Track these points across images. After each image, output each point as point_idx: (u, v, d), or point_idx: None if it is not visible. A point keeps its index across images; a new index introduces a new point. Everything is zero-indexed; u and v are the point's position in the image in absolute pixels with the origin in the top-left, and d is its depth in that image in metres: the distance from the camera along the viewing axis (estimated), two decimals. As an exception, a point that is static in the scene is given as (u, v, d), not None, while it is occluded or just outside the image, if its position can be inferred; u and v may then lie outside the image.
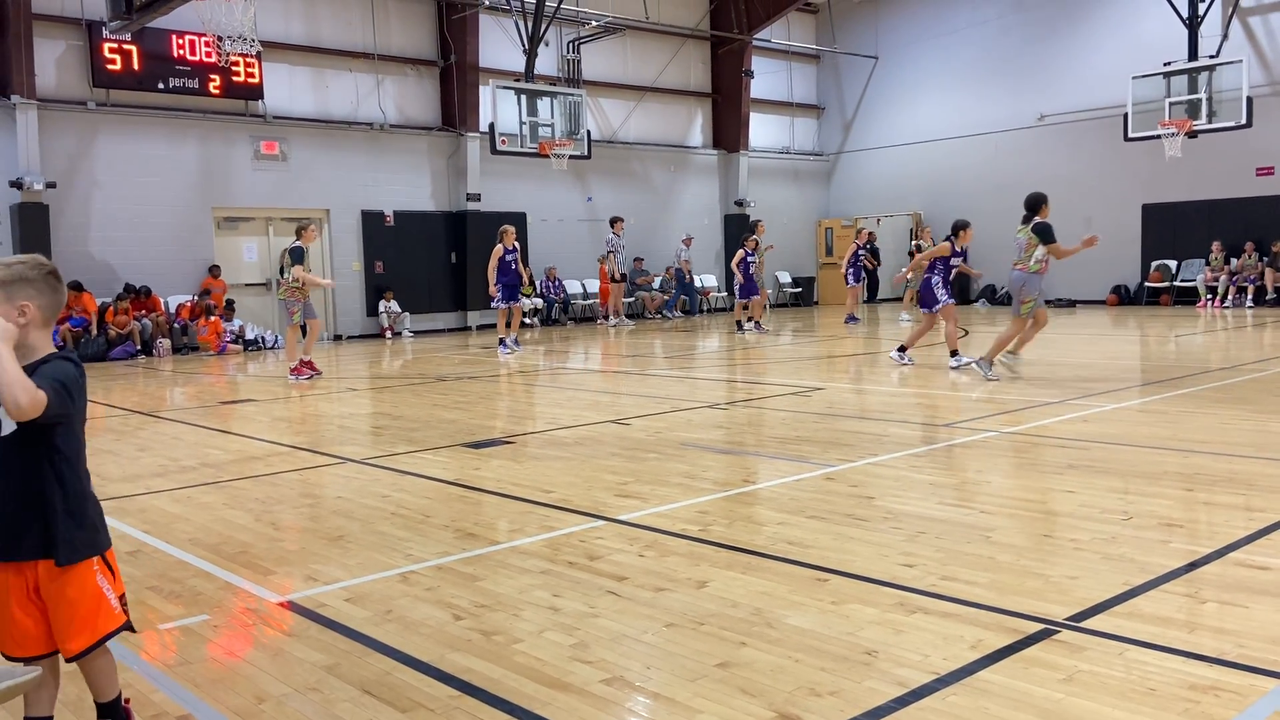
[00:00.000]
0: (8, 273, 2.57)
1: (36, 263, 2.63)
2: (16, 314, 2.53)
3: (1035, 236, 9.63)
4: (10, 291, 2.54)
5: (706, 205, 25.65)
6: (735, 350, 15.05)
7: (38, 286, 2.58)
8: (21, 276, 2.57)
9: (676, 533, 4.71)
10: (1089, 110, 22.06)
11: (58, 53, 16.53)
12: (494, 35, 20.82)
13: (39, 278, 2.59)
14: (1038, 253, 9.61)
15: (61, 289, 2.68)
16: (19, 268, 2.58)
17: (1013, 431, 7.11)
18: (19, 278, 2.56)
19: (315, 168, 19.16)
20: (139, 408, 10.37)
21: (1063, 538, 4.43)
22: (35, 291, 2.57)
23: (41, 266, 2.63)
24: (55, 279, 2.65)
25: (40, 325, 2.58)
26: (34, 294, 2.57)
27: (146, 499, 5.92)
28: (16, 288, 2.55)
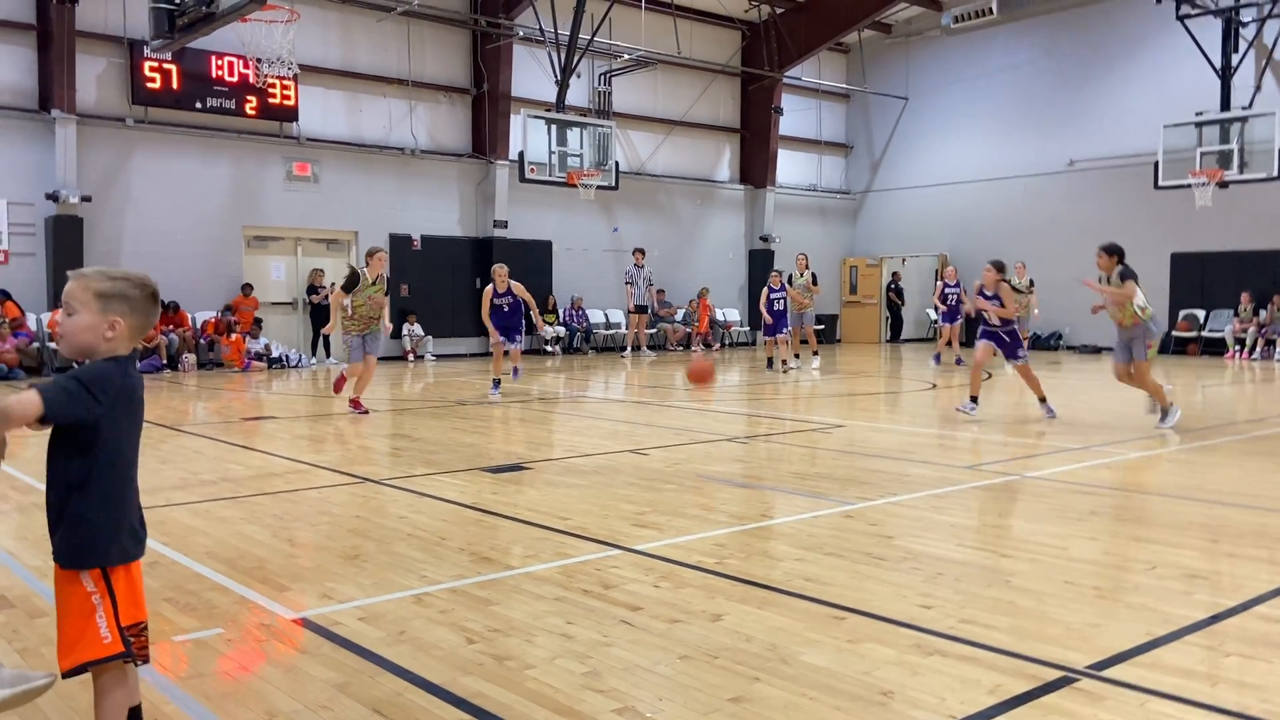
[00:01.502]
0: (109, 286, 2.56)
1: (140, 282, 2.62)
2: (106, 326, 2.54)
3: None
4: (106, 304, 2.55)
5: (731, 240, 25.72)
6: (756, 385, 15.01)
7: (133, 305, 2.59)
8: (121, 293, 2.57)
9: (692, 565, 4.68)
10: (1119, 157, 22.01)
11: (99, 69, 16.85)
12: (527, 65, 21.07)
13: (138, 297, 2.60)
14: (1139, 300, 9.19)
15: (156, 311, 2.68)
16: (122, 283, 2.58)
17: (1035, 476, 7.03)
18: (119, 293, 2.56)
19: (346, 190, 19.38)
20: (162, 421, 10.45)
21: (1084, 585, 4.37)
22: (129, 310, 2.58)
23: (144, 287, 2.62)
24: (153, 302, 2.65)
25: (125, 341, 2.59)
26: (128, 312, 2.57)
27: (166, 511, 5.95)
28: (114, 302, 2.55)
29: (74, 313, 2.55)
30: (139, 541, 2.64)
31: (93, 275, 2.59)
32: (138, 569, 2.66)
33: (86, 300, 2.54)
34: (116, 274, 2.60)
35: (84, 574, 2.53)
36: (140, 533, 2.67)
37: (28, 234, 16.21)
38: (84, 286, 2.56)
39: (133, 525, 2.63)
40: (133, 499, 2.65)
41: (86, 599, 2.53)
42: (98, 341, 2.55)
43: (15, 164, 16.05)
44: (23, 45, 16.29)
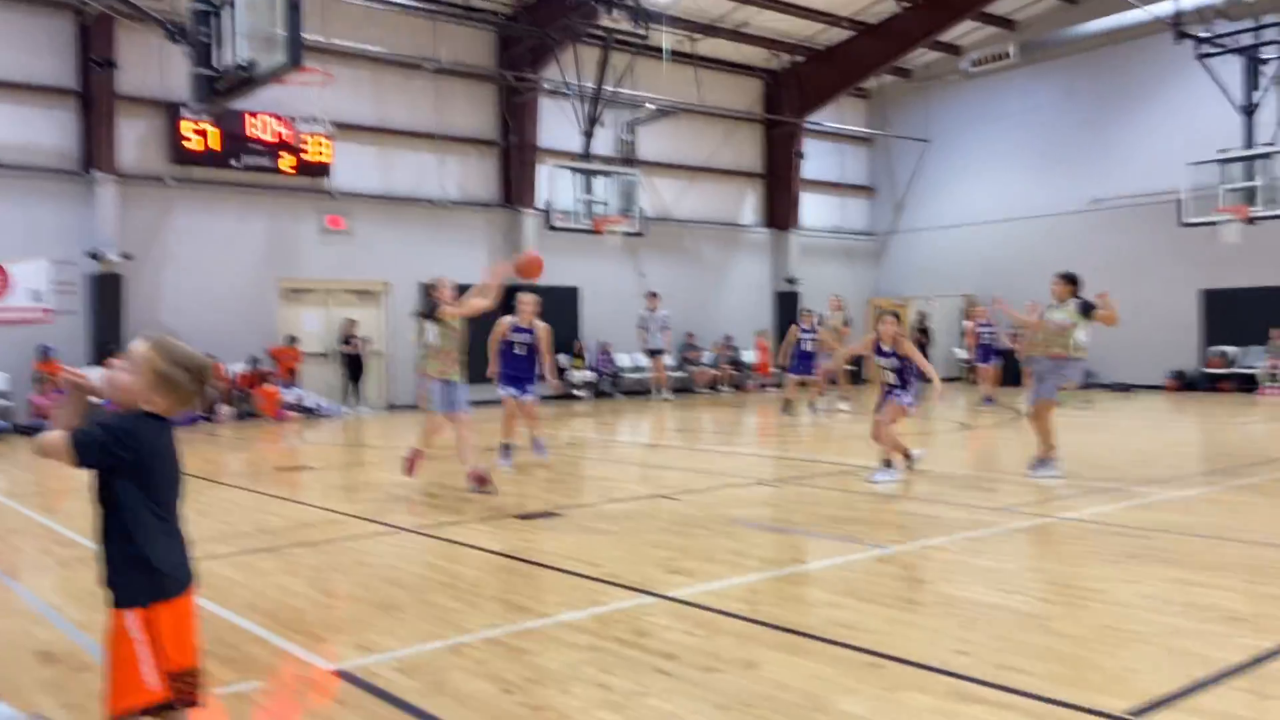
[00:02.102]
0: (168, 370, 2.70)
1: (198, 374, 2.75)
2: (145, 400, 2.70)
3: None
4: (157, 384, 2.69)
5: (757, 282, 25.82)
6: (785, 427, 14.99)
7: (180, 395, 2.73)
8: (175, 381, 2.71)
9: (726, 611, 4.69)
10: (1143, 195, 21.95)
11: (139, 131, 17.32)
12: (553, 117, 21.42)
13: (189, 390, 2.75)
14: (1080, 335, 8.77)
15: (197, 399, 2.83)
16: (180, 374, 2.71)
17: (1070, 518, 6.98)
18: (173, 381, 2.71)
19: (378, 242, 19.69)
20: (199, 473, 10.58)
21: (1123, 628, 4.33)
22: (175, 398, 2.73)
23: (199, 381, 2.76)
24: (200, 393, 2.80)
25: (162, 411, 2.73)
26: (170, 400, 2.72)
27: (206, 564, 5.98)
28: (164, 386, 2.70)
29: (129, 372, 2.70)
30: (179, 582, 2.73)
31: (161, 352, 2.71)
32: (185, 614, 2.72)
33: (144, 371, 2.69)
34: (181, 359, 2.72)
35: (128, 616, 2.63)
36: (182, 574, 2.76)
37: (69, 292, 16.55)
38: (149, 361, 2.69)
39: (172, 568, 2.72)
40: (175, 543, 2.76)
41: (130, 645, 2.62)
42: (134, 406, 2.71)
43: (58, 224, 16.46)
44: (66, 109, 16.78)
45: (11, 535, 7.17)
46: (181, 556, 2.78)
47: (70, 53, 16.77)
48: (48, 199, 16.46)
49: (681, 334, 23.81)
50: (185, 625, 2.72)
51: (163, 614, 2.66)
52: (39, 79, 16.47)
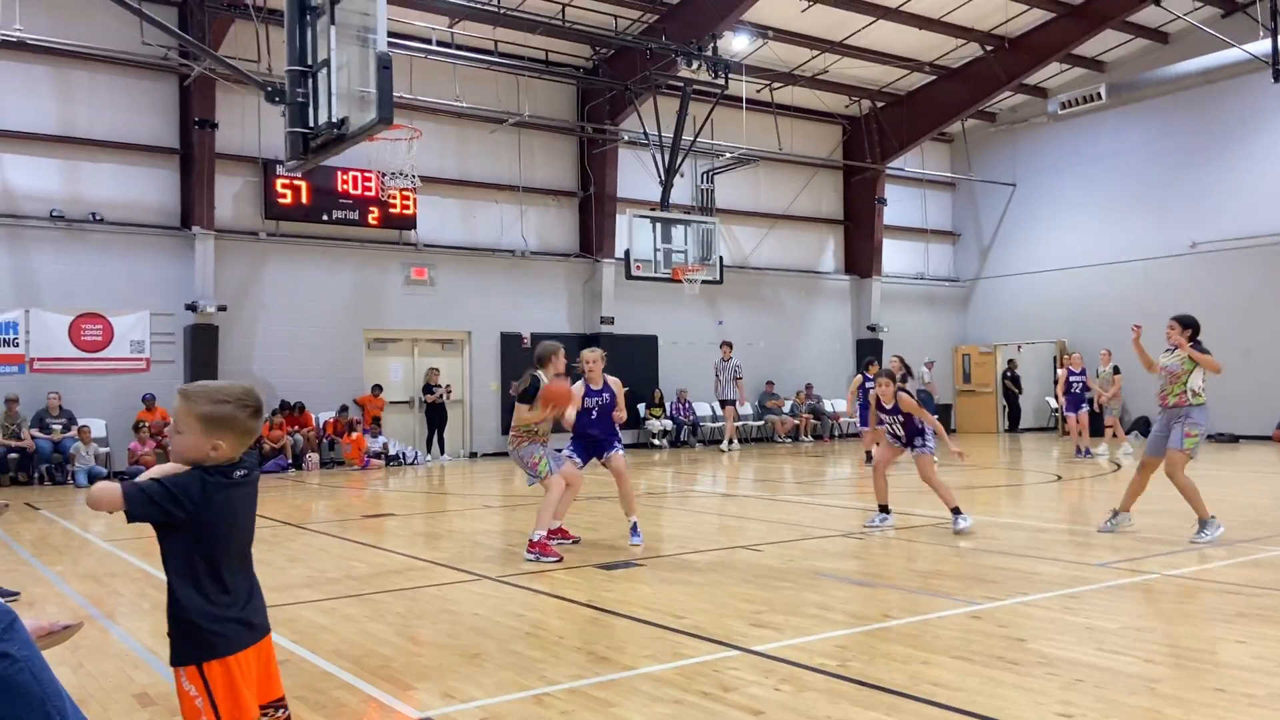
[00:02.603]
0: (213, 410, 2.69)
1: (243, 401, 2.74)
2: (210, 448, 2.69)
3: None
4: (209, 428, 2.68)
5: (838, 330, 25.57)
6: (867, 477, 14.69)
7: (236, 426, 2.71)
8: (225, 417, 2.70)
9: (813, 667, 4.57)
10: (1245, 238, 21.20)
11: (235, 188, 18.05)
12: (632, 168, 21.70)
13: (242, 419, 2.73)
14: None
15: (258, 425, 2.81)
16: (227, 408, 2.70)
17: (1175, 574, 6.66)
18: (223, 417, 2.69)
19: (460, 292, 20.09)
20: (289, 519, 10.82)
21: (1236, 692, 4.09)
22: (233, 434, 2.71)
23: (247, 407, 2.74)
24: (256, 416, 2.78)
25: (229, 454, 2.73)
26: (230, 436, 2.71)
27: (295, 609, 6.13)
28: (217, 427, 2.69)
29: (181, 432, 2.70)
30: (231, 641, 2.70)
31: (198, 397, 2.70)
32: (241, 669, 2.70)
33: (191, 424, 2.68)
34: (220, 395, 2.71)
35: (183, 674, 2.66)
36: (236, 633, 2.71)
37: (168, 342, 17.25)
38: (189, 410, 2.69)
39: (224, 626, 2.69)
40: (233, 601, 2.72)
41: (191, 701, 2.66)
42: (203, 459, 2.69)
43: (158, 277, 17.20)
44: (167, 168, 17.60)
45: (111, 579, 7.39)
46: (241, 614, 2.74)
47: (172, 113, 17.63)
48: (149, 253, 17.22)
49: (761, 383, 23.66)
50: (243, 682, 2.71)
51: (217, 670, 2.67)
52: (143, 139, 17.33)
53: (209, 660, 2.66)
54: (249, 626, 2.78)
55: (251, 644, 2.77)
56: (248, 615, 2.78)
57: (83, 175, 16.88)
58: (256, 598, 2.83)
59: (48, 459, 15.60)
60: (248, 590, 2.81)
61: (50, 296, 16.41)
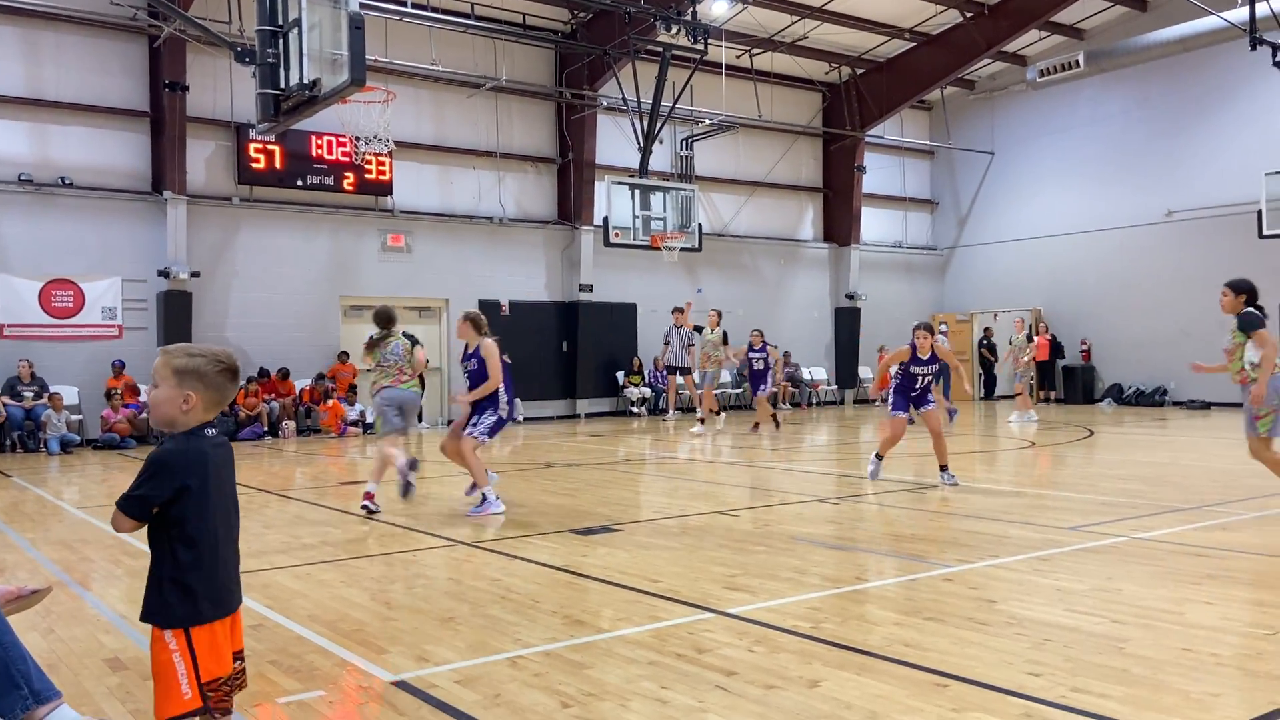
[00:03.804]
0: (186, 363, 2.76)
1: (215, 359, 2.79)
2: (181, 400, 2.74)
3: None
4: (182, 380, 2.74)
5: (817, 298, 25.61)
6: (845, 444, 14.79)
7: (207, 381, 2.77)
8: (197, 369, 2.76)
9: (787, 629, 4.61)
10: (1220, 206, 21.34)
11: (207, 152, 17.79)
12: (610, 134, 21.53)
13: (213, 374, 2.78)
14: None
15: (232, 387, 2.85)
16: (198, 360, 2.77)
17: (1145, 537, 6.75)
18: (195, 370, 2.75)
19: (437, 259, 19.95)
20: (265, 486, 10.77)
21: (1203, 651, 4.16)
22: (204, 386, 2.76)
23: (219, 364, 2.79)
24: (229, 376, 2.82)
25: (201, 412, 2.78)
26: (202, 388, 2.76)
27: (270, 575, 6.11)
28: (189, 378, 2.74)
29: (157, 385, 2.77)
30: (221, 604, 2.77)
31: (175, 352, 2.79)
32: (223, 627, 2.78)
33: (166, 376, 2.76)
34: (197, 351, 2.79)
35: (167, 633, 2.70)
36: (226, 595, 2.80)
37: (140, 309, 17.05)
38: (166, 363, 2.77)
39: (215, 589, 2.76)
40: (219, 564, 2.78)
41: (169, 657, 2.69)
42: (176, 414, 2.75)
43: (130, 243, 16.97)
44: (138, 132, 17.31)
45: (83, 546, 7.35)
46: (226, 579, 2.81)
47: (142, 75, 17.31)
48: (120, 218, 16.97)
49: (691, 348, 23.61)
50: (223, 640, 2.78)
51: (203, 634, 2.73)
52: (112, 101, 17.02)
53: (197, 625, 2.71)
54: (234, 591, 2.85)
55: (237, 607, 2.85)
56: (234, 580, 2.86)
57: (51, 138, 16.58)
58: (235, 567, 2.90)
59: (19, 427, 15.43)
60: (234, 555, 2.88)
61: (19, 262, 16.16)
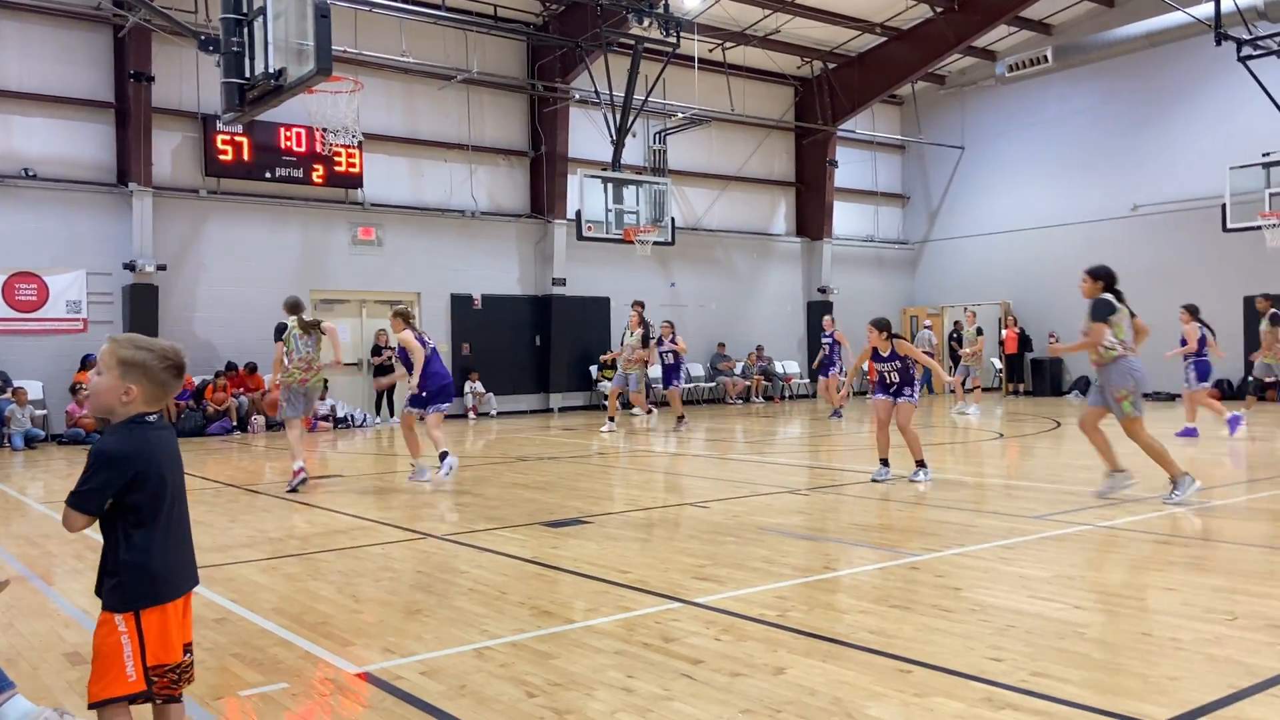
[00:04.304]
0: (132, 354, 2.71)
1: (162, 355, 2.75)
2: (122, 391, 2.69)
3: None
4: (126, 371, 2.69)
5: (789, 292, 25.70)
6: (817, 436, 14.86)
7: (151, 376, 2.72)
8: (142, 363, 2.71)
9: (754, 617, 4.62)
10: (1185, 200, 21.61)
11: (174, 144, 17.58)
12: (583, 127, 21.48)
13: (158, 369, 2.73)
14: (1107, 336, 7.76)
15: (176, 384, 2.80)
16: (144, 354, 2.72)
17: (1108, 526, 6.83)
18: (140, 363, 2.71)
19: (409, 253, 19.83)
20: (232, 481, 10.68)
21: (1162, 636, 4.21)
22: (147, 381, 2.72)
23: (165, 360, 2.75)
24: (174, 373, 2.77)
25: (141, 405, 2.73)
26: (144, 381, 2.71)
27: (234, 568, 6.06)
28: (133, 371, 2.70)
29: (101, 373, 2.72)
30: (174, 586, 2.74)
31: (124, 342, 2.74)
32: (175, 612, 2.74)
33: (111, 365, 2.71)
34: (145, 345, 2.74)
35: (117, 616, 2.67)
36: (179, 578, 2.76)
37: (106, 302, 16.83)
38: (112, 352, 2.72)
39: (169, 572, 2.73)
40: (170, 548, 2.75)
41: (117, 639, 2.66)
42: (115, 403, 2.71)
43: (94, 235, 16.74)
44: (102, 123, 17.08)
45: (46, 541, 7.25)
46: (180, 561, 2.78)
47: (107, 66, 17.08)
48: (85, 211, 16.75)
49: (713, 344, 23.76)
50: (174, 626, 2.74)
51: (154, 617, 2.70)
52: (76, 92, 16.79)
53: (148, 607, 2.67)
54: (186, 577, 2.82)
55: (190, 589, 2.82)
56: (187, 563, 2.83)
57: (14, 129, 16.32)
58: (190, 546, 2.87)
59: (-18, 422, 15.21)
60: (186, 536, 2.84)
61: (-19, 255, 15.90)
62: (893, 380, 9.36)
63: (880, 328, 9.22)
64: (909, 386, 9.34)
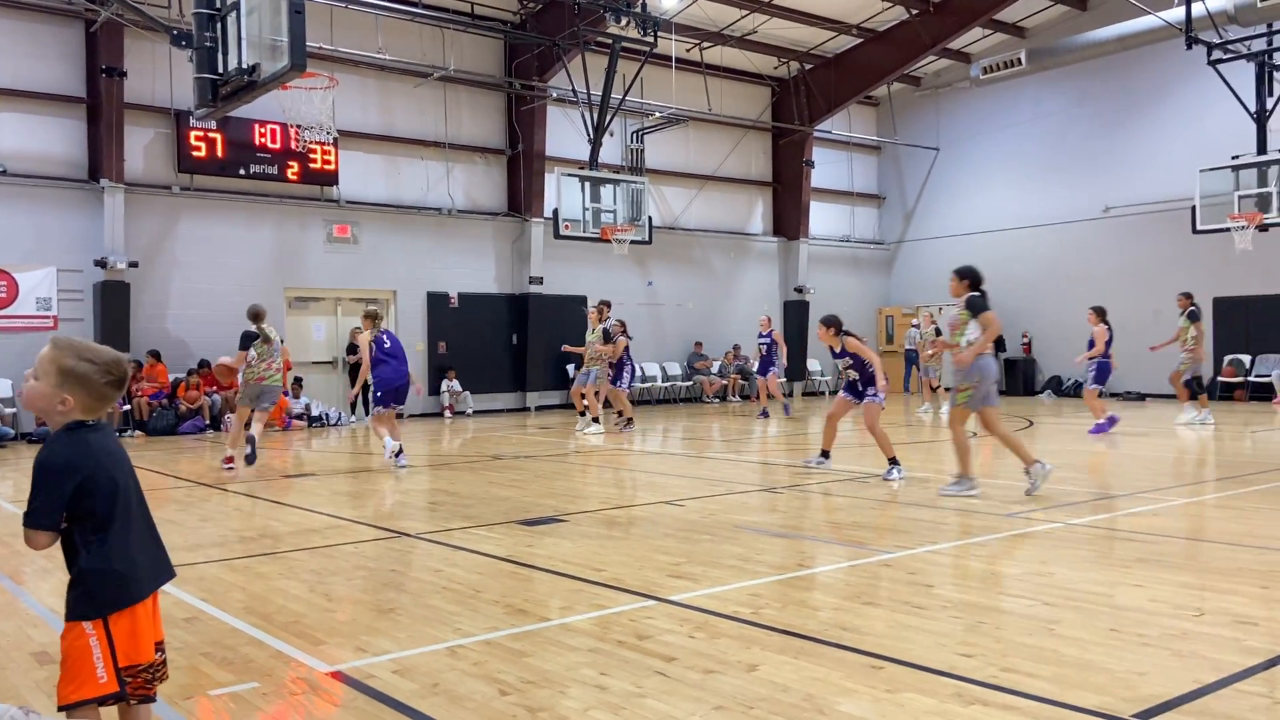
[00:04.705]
0: (74, 366, 2.62)
1: (107, 367, 2.67)
2: (58, 401, 2.62)
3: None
4: (63, 381, 2.61)
5: (766, 291, 25.76)
6: (793, 435, 14.91)
7: (90, 389, 2.64)
8: (83, 375, 2.63)
9: (728, 615, 4.64)
10: (1156, 202, 21.85)
11: (146, 140, 17.40)
12: (560, 126, 21.45)
13: (98, 383, 2.65)
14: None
15: (116, 395, 2.72)
16: (87, 367, 2.63)
17: (1079, 523, 6.90)
18: (80, 375, 2.62)
19: (384, 250, 19.73)
20: (204, 480, 10.59)
21: (1130, 632, 4.26)
22: (84, 393, 2.64)
23: (109, 374, 2.67)
24: (115, 387, 2.69)
25: (79, 414, 2.65)
26: (83, 395, 2.63)
27: (205, 568, 6.01)
28: (71, 382, 2.62)
29: (38, 378, 2.64)
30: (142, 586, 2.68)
31: (66, 350, 2.65)
32: (144, 612, 2.70)
33: (49, 372, 2.62)
34: (89, 355, 2.65)
35: (86, 626, 2.61)
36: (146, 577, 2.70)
37: (76, 300, 16.64)
38: (53, 359, 2.63)
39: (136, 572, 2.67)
40: (132, 547, 2.68)
41: (86, 643, 2.61)
42: (51, 410, 2.64)
43: (65, 232, 16.54)
44: (74, 118, 16.87)
45: (15, 540, 7.16)
46: (146, 559, 2.72)
47: (78, 61, 16.88)
48: (55, 207, 16.54)
49: (690, 344, 23.80)
50: (145, 626, 2.70)
51: (121, 619, 2.64)
52: (47, 87, 16.58)
53: (115, 613, 2.62)
54: (155, 569, 2.77)
55: (161, 584, 2.78)
56: (153, 557, 2.77)
57: (-17, 124, 16.10)
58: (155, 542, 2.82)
59: (-50, 421, 14.99)
60: (149, 532, 2.79)
61: (-51, 251, 15.68)
62: (853, 378, 9.56)
63: (828, 324, 9.43)
64: (872, 386, 9.46)
